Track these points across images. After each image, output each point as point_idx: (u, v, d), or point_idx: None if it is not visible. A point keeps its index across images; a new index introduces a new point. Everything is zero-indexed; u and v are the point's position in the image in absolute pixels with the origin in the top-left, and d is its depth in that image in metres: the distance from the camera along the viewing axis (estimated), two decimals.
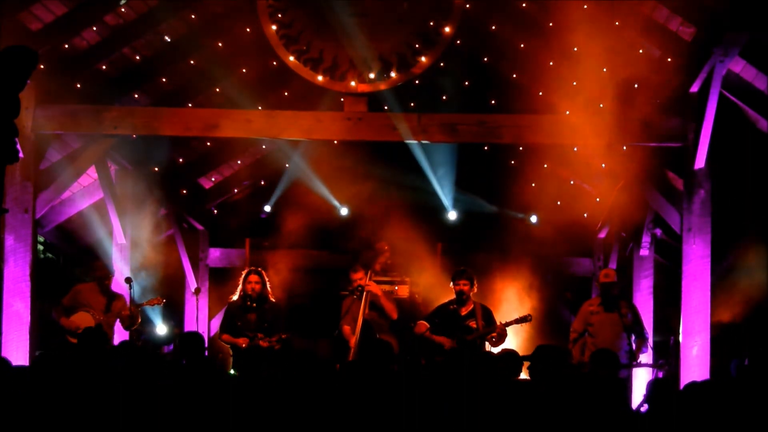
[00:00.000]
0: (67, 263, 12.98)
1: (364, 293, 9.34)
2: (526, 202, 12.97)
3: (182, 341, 7.00)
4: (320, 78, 9.34)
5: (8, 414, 5.17)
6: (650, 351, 9.60)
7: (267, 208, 13.20)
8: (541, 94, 10.45)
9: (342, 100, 9.51)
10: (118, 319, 9.68)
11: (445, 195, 12.41)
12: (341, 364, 7.52)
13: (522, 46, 10.59)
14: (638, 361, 9.32)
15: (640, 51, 9.62)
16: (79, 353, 6.49)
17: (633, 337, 9.35)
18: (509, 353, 6.41)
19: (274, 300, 9.28)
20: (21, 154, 6.64)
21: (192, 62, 10.53)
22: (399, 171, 12.50)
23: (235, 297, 9.24)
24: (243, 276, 9.24)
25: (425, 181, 12.20)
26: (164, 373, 5.78)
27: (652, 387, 5.59)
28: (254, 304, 9.06)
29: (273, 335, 8.87)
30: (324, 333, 12.11)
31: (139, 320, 9.68)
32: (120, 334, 10.21)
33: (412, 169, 12.16)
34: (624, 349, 9.26)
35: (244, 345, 8.81)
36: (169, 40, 10.18)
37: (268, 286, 9.23)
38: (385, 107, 10.56)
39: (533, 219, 13.01)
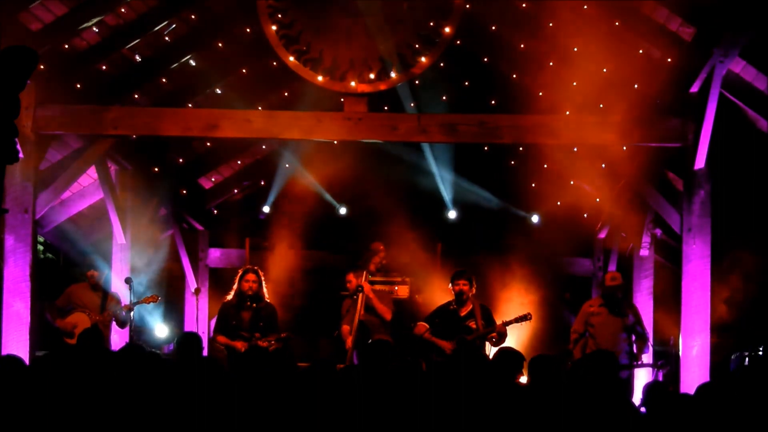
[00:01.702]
0: (67, 263, 12.98)
1: (360, 295, 9.35)
2: (526, 202, 13.00)
3: (180, 342, 6.99)
4: (320, 78, 9.34)
5: (8, 414, 5.17)
6: (651, 351, 9.60)
7: (265, 209, 13.22)
8: (541, 94, 10.45)
9: (342, 100, 9.51)
10: (113, 319, 9.69)
11: (445, 187, 12.39)
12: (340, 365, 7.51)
13: (522, 46, 10.60)
14: (639, 361, 9.32)
15: (640, 51, 9.62)
16: (75, 355, 6.48)
17: (633, 338, 9.35)
18: (510, 352, 6.39)
19: (269, 300, 9.28)
20: (21, 154, 6.64)
21: (192, 62, 10.53)
22: (399, 166, 12.52)
23: (229, 296, 9.24)
24: (239, 274, 9.24)
25: (426, 176, 12.21)
26: (165, 374, 5.77)
27: (649, 391, 5.58)
28: (253, 304, 9.06)
29: (269, 335, 8.87)
30: (324, 333, 12.12)
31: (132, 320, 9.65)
32: (120, 335, 10.21)
33: (412, 164, 12.18)
34: (625, 350, 9.27)
35: (242, 349, 8.79)
36: (169, 40, 10.17)
37: (264, 286, 9.23)
38: (385, 107, 10.58)
39: (535, 218, 13.02)
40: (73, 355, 5.96)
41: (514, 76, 11.18)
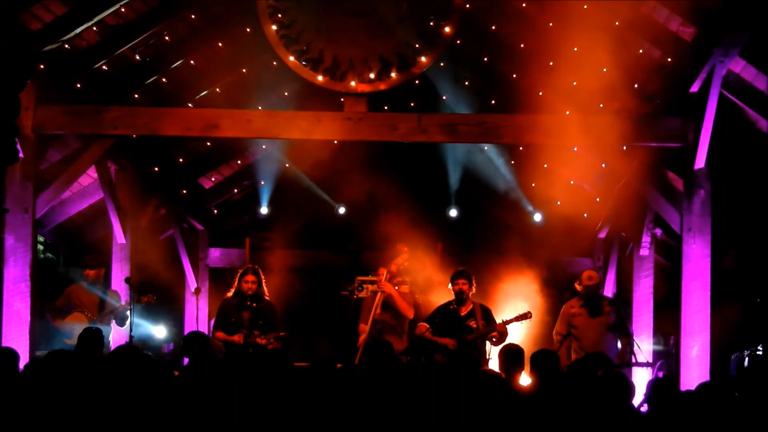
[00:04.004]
0: (67, 263, 12.99)
1: (378, 294, 9.35)
2: (526, 201, 13.00)
3: (186, 340, 7.00)
4: (320, 78, 9.34)
5: (6, 413, 5.16)
6: (637, 347, 9.53)
7: (264, 210, 13.23)
8: (541, 94, 10.45)
9: (342, 100, 9.51)
10: (112, 317, 9.68)
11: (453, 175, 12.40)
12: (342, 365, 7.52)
13: (522, 46, 10.59)
14: (629, 359, 9.27)
15: (640, 51, 9.62)
16: (74, 355, 6.47)
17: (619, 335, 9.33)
18: (513, 349, 6.41)
19: (268, 299, 9.30)
20: (21, 154, 6.65)
21: (192, 62, 10.53)
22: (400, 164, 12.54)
23: (230, 294, 9.26)
24: (239, 274, 9.26)
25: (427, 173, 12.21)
26: (166, 374, 5.77)
27: (652, 387, 5.59)
28: (253, 304, 9.09)
29: (268, 333, 8.90)
30: (323, 333, 12.12)
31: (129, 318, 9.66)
32: (120, 334, 10.21)
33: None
34: (611, 349, 9.25)
35: (240, 341, 8.82)
36: (169, 40, 10.17)
37: (264, 285, 9.26)
38: (385, 107, 10.57)
39: (537, 217, 13.01)
40: (71, 357, 5.93)
41: (514, 76, 11.18)
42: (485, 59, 11.32)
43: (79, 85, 9.61)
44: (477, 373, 5.93)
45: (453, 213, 13.04)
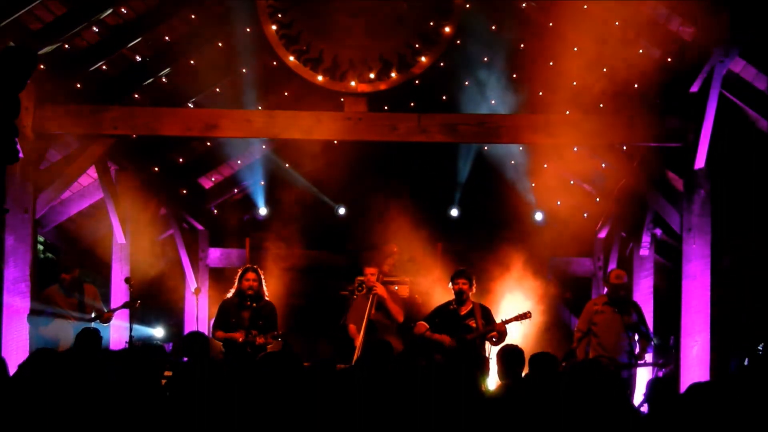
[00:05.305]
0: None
1: (371, 294, 9.35)
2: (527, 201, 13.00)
3: (186, 341, 7.01)
4: (320, 78, 9.35)
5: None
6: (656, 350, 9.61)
7: (263, 210, 13.24)
8: (541, 94, 10.45)
9: (342, 100, 9.51)
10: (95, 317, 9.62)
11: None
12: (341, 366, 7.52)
13: (522, 46, 10.60)
14: (642, 360, 9.32)
15: (640, 51, 9.63)
16: (74, 356, 6.47)
17: (636, 337, 9.36)
18: (512, 349, 6.41)
19: (268, 299, 9.30)
20: (21, 154, 6.64)
21: (192, 62, 10.54)
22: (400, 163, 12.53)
23: (230, 294, 9.27)
24: (240, 273, 9.27)
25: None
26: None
27: (652, 386, 5.59)
28: (253, 303, 9.09)
29: (268, 333, 8.91)
30: (323, 333, 12.11)
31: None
32: (119, 333, 10.21)
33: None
34: (625, 350, 9.27)
35: (240, 339, 8.83)
36: (169, 40, 10.18)
37: (264, 285, 9.26)
38: (385, 107, 10.58)
39: (537, 217, 13.01)
40: (60, 357, 5.89)
41: (514, 76, 11.18)
42: (485, 59, 11.33)
43: (79, 85, 9.61)
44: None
45: (453, 213, 13.04)
